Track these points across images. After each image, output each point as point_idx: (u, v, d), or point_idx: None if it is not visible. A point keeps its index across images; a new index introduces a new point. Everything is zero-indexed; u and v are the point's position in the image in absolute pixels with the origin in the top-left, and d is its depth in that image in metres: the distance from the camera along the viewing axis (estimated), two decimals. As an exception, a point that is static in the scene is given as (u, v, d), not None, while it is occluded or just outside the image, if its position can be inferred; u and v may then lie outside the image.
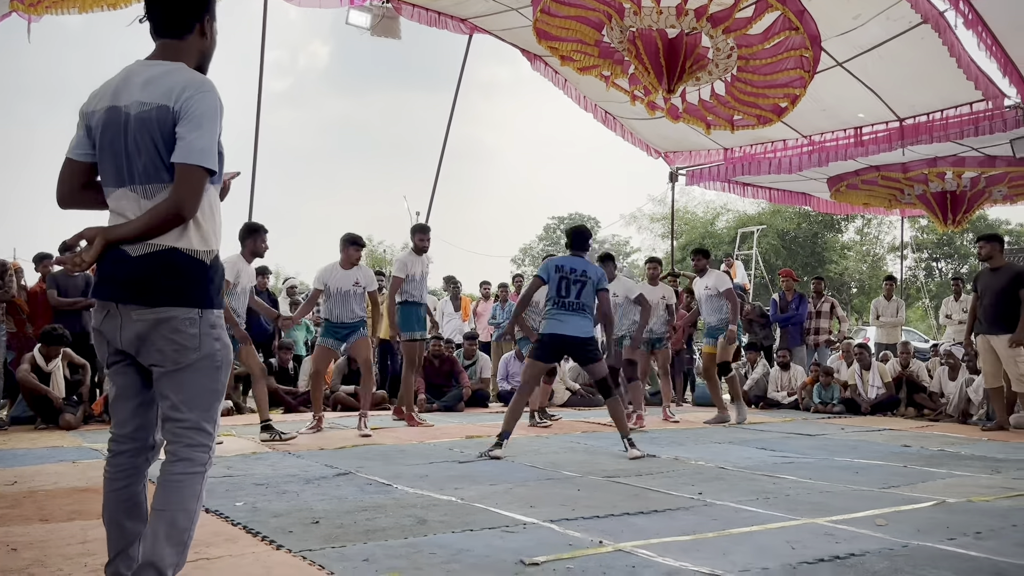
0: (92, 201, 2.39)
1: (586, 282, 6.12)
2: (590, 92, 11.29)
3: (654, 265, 9.13)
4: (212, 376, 2.29)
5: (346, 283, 7.27)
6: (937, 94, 9.53)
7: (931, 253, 37.73)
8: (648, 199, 50.01)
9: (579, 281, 6.12)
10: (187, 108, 2.20)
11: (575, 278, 6.12)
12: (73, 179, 2.36)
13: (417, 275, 7.92)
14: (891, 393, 9.89)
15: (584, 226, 6.70)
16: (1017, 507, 4.16)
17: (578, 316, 6.08)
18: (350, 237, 7.43)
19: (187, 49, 2.36)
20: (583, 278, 6.13)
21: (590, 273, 6.17)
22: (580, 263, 6.23)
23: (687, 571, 2.88)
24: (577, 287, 6.10)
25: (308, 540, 3.29)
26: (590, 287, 6.13)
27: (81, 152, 2.34)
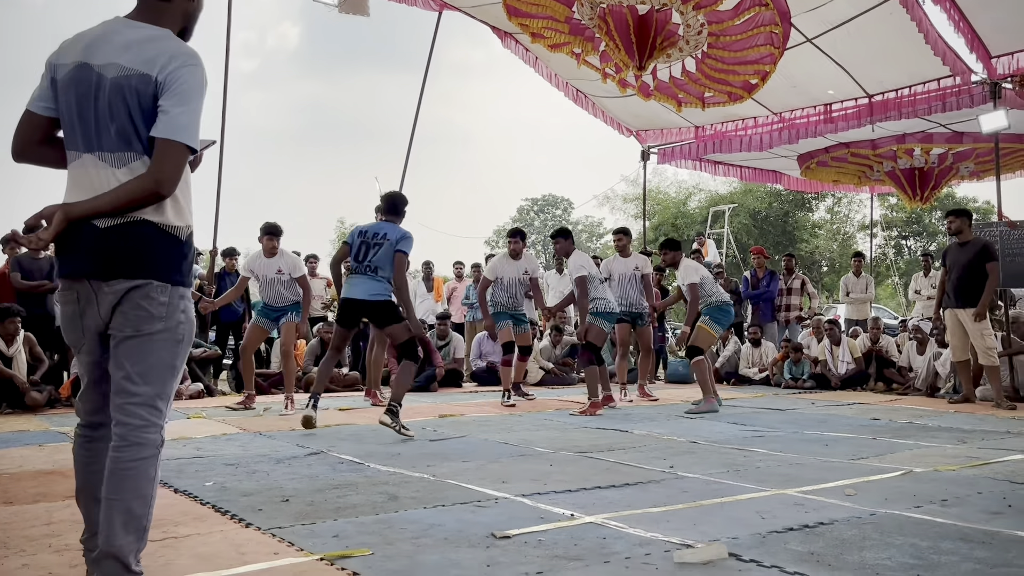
0: (49, 158, 2.28)
1: (383, 244, 5.98)
2: (561, 70, 11.22)
3: (620, 236, 8.76)
4: (172, 350, 2.20)
5: (269, 271, 7.53)
6: (905, 70, 9.57)
7: (900, 231, 38.10)
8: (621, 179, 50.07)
9: (377, 244, 5.99)
10: (173, 81, 2.11)
11: (374, 241, 6.01)
12: (31, 132, 2.25)
13: None
14: (861, 368, 10.01)
15: (399, 193, 6.46)
16: (982, 475, 4.22)
17: (368, 279, 5.96)
18: (262, 227, 7.62)
19: (171, 11, 2.26)
20: (381, 240, 5.99)
21: (390, 235, 6.01)
22: (383, 227, 6.11)
23: (658, 541, 2.89)
24: (374, 250, 5.98)
25: (278, 518, 3.26)
26: (387, 249, 5.96)
27: (43, 105, 2.23)
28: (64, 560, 2.69)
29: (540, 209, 55.67)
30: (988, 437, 5.76)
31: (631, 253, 8.71)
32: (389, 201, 6.33)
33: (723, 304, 7.75)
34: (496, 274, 8.12)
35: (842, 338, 10.27)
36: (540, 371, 10.62)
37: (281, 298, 7.56)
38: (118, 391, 2.17)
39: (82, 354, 2.28)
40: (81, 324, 2.22)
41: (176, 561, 2.68)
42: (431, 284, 12.79)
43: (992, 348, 7.86)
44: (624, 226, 9.79)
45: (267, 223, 7.62)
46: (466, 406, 7.94)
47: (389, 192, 6.36)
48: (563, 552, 2.76)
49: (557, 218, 54.57)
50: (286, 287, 7.53)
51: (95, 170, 2.16)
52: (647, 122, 12.71)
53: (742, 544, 2.85)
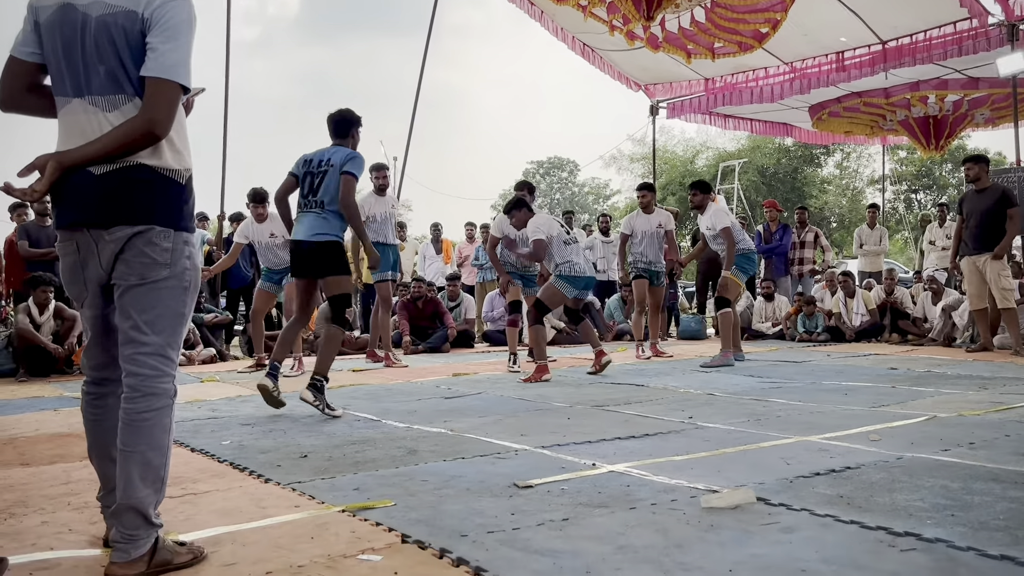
0: (38, 106, 2.19)
1: (328, 171, 4.98)
2: (568, 24, 11.03)
3: (644, 192, 8.51)
4: (180, 297, 2.13)
5: (263, 235, 7.60)
6: (920, 14, 9.37)
7: (910, 185, 37.75)
8: (627, 138, 49.66)
9: (321, 172, 5.00)
10: (160, 16, 2.02)
11: (318, 170, 5.02)
12: (16, 80, 2.15)
13: (379, 215, 7.82)
14: (875, 320, 9.94)
15: (347, 110, 5.23)
16: (1008, 419, 4.16)
17: (313, 216, 5.00)
18: (250, 194, 7.65)
19: None
20: (326, 167, 5.00)
21: (334, 160, 5.00)
22: (328, 152, 5.09)
23: (683, 488, 2.84)
24: (319, 179, 5.01)
25: (297, 473, 3.22)
26: (332, 176, 4.97)
27: (28, 51, 2.13)
28: (83, 517, 2.66)
29: (546, 172, 55.28)
30: (1010, 383, 5.69)
31: (655, 210, 8.46)
32: (334, 122, 5.19)
33: (749, 252, 7.66)
34: (503, 232, 7.91)
35: (856, 290, 10.18)
36: (552, 330, 10.56)
37: (281, 260, 7.53)
38: (127, 341, 2.10)
39: (85, 307, 2.20)
40: (83, 276, 2.14)
41: (196, 516, 2.65)
42: (440, 246, 12.73)
43: (1010, 291, 7.77)
44: (648, 182, 9.61)
45: (254, 189, 7.63)
46: (479, 365, 7.91)
47: (336, 111, 5.23)
48: (587, 500, 2.71)
49: (563, 180, 54.25)
50: (282, 249, 7.46)
51: (85, 115, 2.07)
52: (656, 75, 12.52)
53: (769, 489, 2.80)
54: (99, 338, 2.22)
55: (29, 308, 7.58)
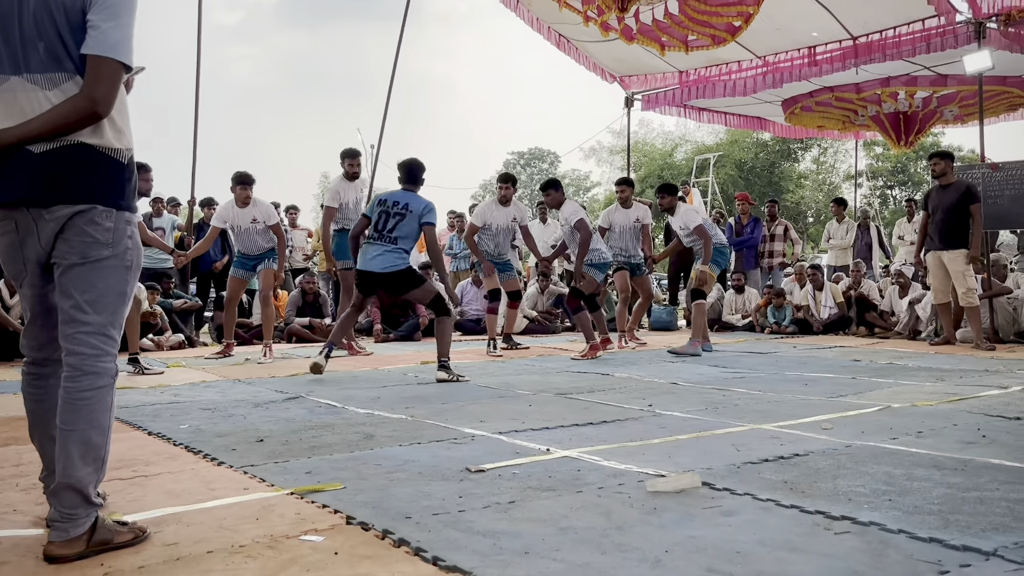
0: None
1: (405, 215, 5.97)
2: (543, 14, 11.02)
3: (623, 187, 8.66)
4: (121, 276, 2.12)
5: (244, 220, 7.47)
6: (890, 10, 9.46)
7: (886, 181, 38.12)
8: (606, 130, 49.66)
9: (398, 214, 5.97)
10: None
11: (395, 211, 5.98)
12: None
13: (351, 202, 7.81)
14: (843, 313, 10.04)
15: (415, 160, 6.28)
16: (958, 410, 4.24)
17: (385, 248, 5.93)
18: (234, 176, 7.54)
19: None
20: (403, 211, 5.98)
21: (412, 206, 5.99)
22: (404, 196, 6.08)
23: (631, 472, 2.87)
24: (395, 219, 5.96)
25: (251, 457, 3.23)
26: (410, 220, 5.97)
27: None
28: (30, 498, 2.66)
29: (527, 163, 55.30)
30: (966, 375, 5.78)
31: (632, 204, 8.62)
32: (406, 169, 6.22)
33: (721, 246, 7.87)
34: (484, 220, 7.98)
35: (825, 283, 10.28)
36: (524, 320, 10.60)
37: (256, 247, 7.54)
38: (67, 320, 2.09)
39: (24, 287, 2.19)
40: (22, 255, 2.13)
41: (145, 497, 2.65)
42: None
43: (972, 290, 7.89)
44: (627, 176, 9.76)
45: (239, 172, 7.53)
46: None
47: (406, 159, 6.25)
48: (536, 484, 2.74)
49: (544, 172, 54.26)
50: (261, 236, 7.51)
51: (24, 93, 2.05)
52: (630, 67, 12.55)
53: (716, 474, 2.84)
54: (39, 318, 2.20)
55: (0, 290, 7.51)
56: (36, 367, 2.25)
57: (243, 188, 7.45)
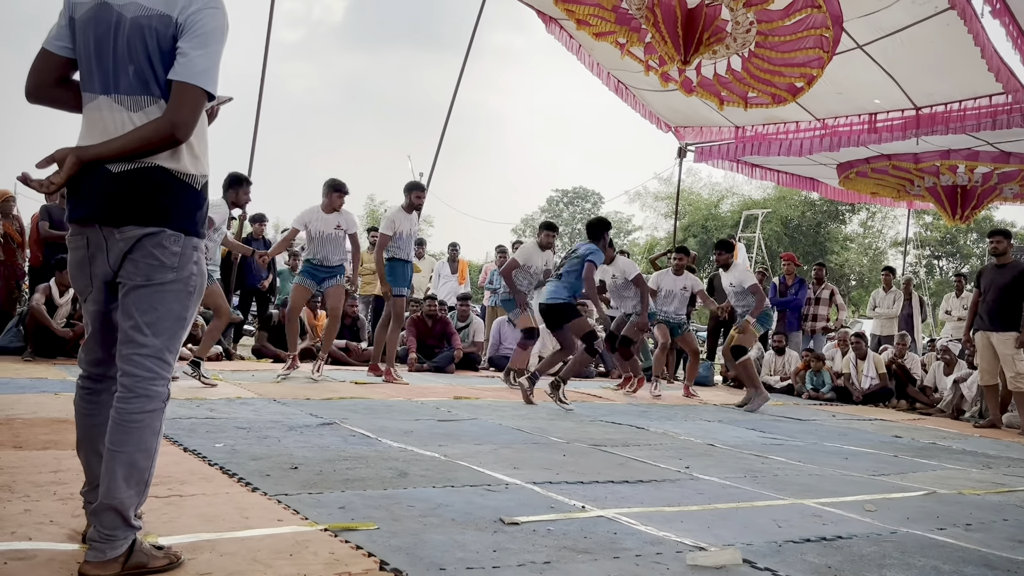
0: (64, 100, 2.20)
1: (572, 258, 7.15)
2: (604, 60, 11.06)
3: (681, 256, 9.19)
4: (183, 301, 2.13)
5: (327, 226, 7.41)
6: (956, 84, 9.34)
7: (933, 251, 37.58)
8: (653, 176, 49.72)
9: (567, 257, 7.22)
10: (193, 22, 2.04)
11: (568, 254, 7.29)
12: (46, 73, 2.17)
13: (405, 233, 7.84)
14: (884, 384, 9.84)
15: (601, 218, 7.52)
16: (1007, 502, 4.10)
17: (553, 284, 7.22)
18: (333, 183, 7.52)
19: None
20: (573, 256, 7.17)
21: (580, 250, 7.15)
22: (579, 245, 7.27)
23: (670, 541, 2.80)
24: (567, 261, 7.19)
25: (285, 485, 3.21)
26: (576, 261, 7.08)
27: (60, 45, 2.15)
28: (67, 509, 2.66)
29: (570, 201, 55.41)
30: (1014, 464, 5.61)
31: (684, 272, 9.12)
32: (590, 226, 7.44)
33: (768, 309, 8.44)
34: (526, 260, 8.13)
35: (868, 352, 10.09)
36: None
37: (331, 255, 7.45)
38: (125, 341, 2.10)
39: (89, 302, 2.20)
40: (89, 271, 2.15)
41: (179, 519, 2.64)
42: (455, 266, 12.73)
43: (1022, 374, 7.67)
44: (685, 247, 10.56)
45: (335, 179, 7.56)
46: (482, 390, 7.87)
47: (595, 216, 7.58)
48: (572, 544, 2.68)
49: (587, 211, 54.29)
50: (338, 244, 7.46)
51: (110, 113, 2.09)
52: (686, 119, 12.53)
53: (757, 551, 2.76)
54: (99, 334, 2.21)
55: (50, 288, 7.66)
56: (91, 382, 2.26)
57: (340, 195, 7.45)
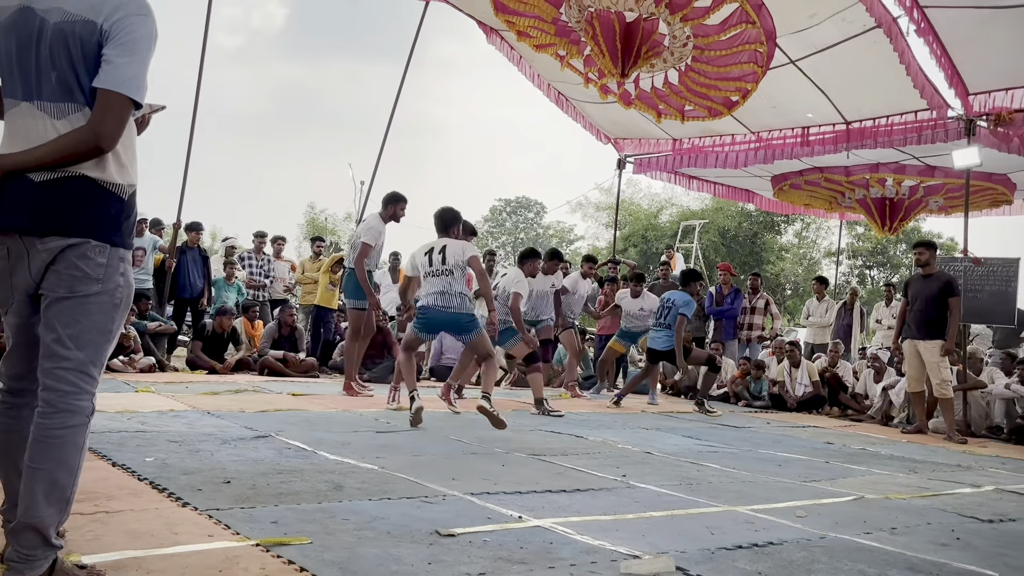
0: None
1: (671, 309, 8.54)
2: (544, 71, 11.16)
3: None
4: (108, 314, 2.07)
5: None
6: (884, 100, 9.65)
7: (865, 260, 38.58)
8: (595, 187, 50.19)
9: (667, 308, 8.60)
10: (119, 29, 1.99)
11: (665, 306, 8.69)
12: None
13: (381, 245, 7.74)
14: (818, 392, 10.06)
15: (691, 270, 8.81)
16: (931, 506, 4.22)
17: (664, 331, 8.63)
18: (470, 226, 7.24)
19: None
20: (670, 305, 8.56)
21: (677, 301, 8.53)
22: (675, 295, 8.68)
23: (605, 550, 2.82)
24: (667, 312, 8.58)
25: (217, 499, 3.15)
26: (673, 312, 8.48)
27: None
28: (-15, 528, 2.56)
29: (512, 211, 55.57)
30: (939, 469, 5.78)
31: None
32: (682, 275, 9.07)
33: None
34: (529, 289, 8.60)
35: (802, 361, 10.31)
36: (499, 370, 10.53)
37: None
38: (48, 355, 2.03)
39: (10, 314, 2.13)
40: (10, 282, 2.08)
41: (104, 537, 2.57)
42: (397, 275, 12.66)
43: (947, 382, 7.93)
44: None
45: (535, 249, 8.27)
46: (423, 401, 7.80)
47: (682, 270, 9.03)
48: (507, 555, 2.68)
49: (529, 221, 54.54)
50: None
51: (32, 120, 2.03)
52: (625, 131, 12.70)
53: (690, 558, 2.80)
54: (21, 347, 2.14)
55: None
56: (11, 396, 2.18)
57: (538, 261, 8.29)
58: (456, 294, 6.01)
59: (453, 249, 6.05)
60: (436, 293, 6.04)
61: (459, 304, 6.02)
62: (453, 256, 6.01)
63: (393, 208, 7.71)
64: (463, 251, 6.06)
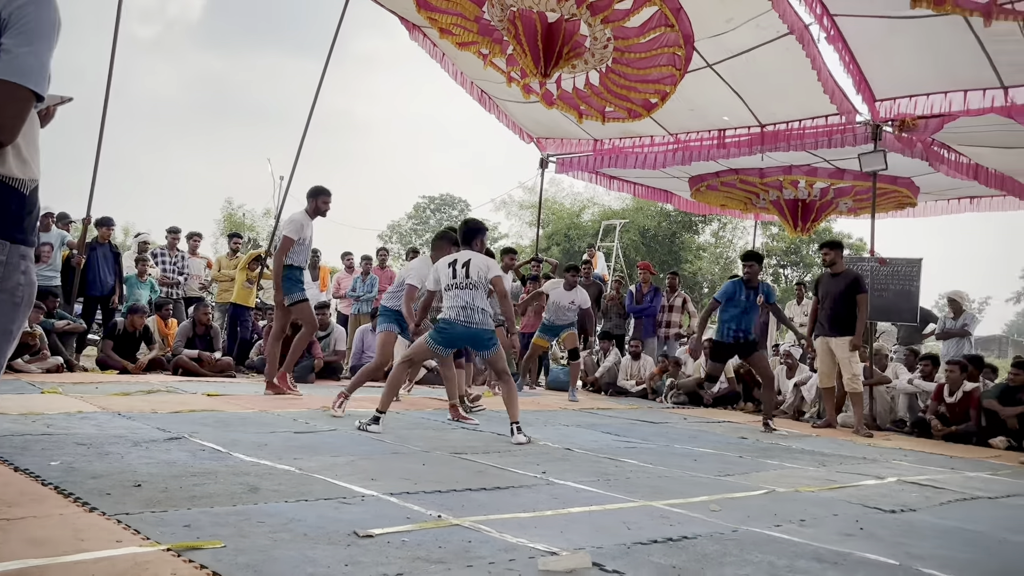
0: None
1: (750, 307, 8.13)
2: (468, 69, 11.15)
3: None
4: (8, 314, 2.00)
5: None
6: (797, 104, 9.95)
7: (779, 260, 39.70)
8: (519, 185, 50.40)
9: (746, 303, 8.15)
10: (19, 18, 1.90)
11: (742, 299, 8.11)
12: None
13: (308, 239, 7.64)
14: (733, 388, 10.32)
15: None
16: (838, 498, 4.38)
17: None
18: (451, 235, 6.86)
19: None
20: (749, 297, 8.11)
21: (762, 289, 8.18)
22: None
23: (523, 547, 2.85)
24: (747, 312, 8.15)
25: (126, 504, 3.06)
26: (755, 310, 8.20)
27: None
28: None
29: (437, 208, 55.37)
30: (846, 462, 6.00)
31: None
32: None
33: None
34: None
35: (718, 358, 10.55)
36: (423, 369, 10.47)
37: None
38: None
39: None
40: None
41: (4, 545, 2.46)
42: (317, 273, 12.49)
43: (858, 376, 8.24)
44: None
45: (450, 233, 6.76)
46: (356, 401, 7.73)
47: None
48: (426, 554, 2.68)
49: (453, 218, 54.39)
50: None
51: None
52: (548, 130, 12.78)
53: (606, 554, 2.84)
54: None
55: None
56: None
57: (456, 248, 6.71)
58: (478, 309, 5.90)
59: (477, 264, 5.93)
60: (459, 307, 5.91)
61: (481, 320, 5.90)
62: (477, 271, 5.90)
63: (315, 202, 7.60)
64: (488, 268, 5.97)
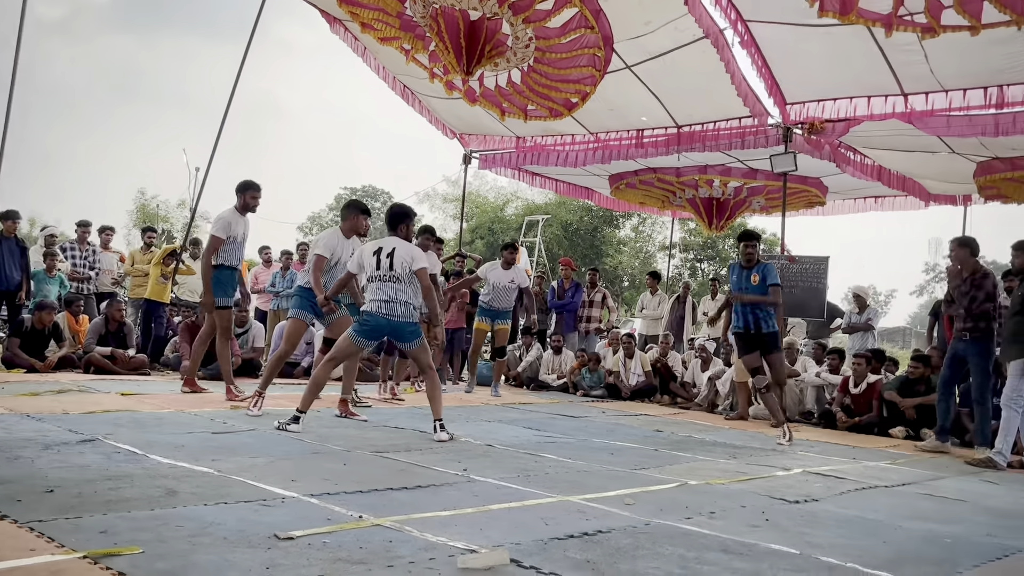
0: None
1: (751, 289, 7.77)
2: (390, 64, 11.10)
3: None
4: None
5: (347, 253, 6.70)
6: (712, 106, 10.23)
7: (696, 254, 40.60)
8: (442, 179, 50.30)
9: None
10: None
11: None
12: None
13: (239, 237, 7.32)
14: (651, 381, 10.57)
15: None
16: (747, 490, 4.58)
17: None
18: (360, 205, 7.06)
19: None
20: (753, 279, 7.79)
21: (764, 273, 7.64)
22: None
23: (443, 546, 2.91)
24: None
25: (39, 510, 3.00)
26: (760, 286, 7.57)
27: None
28: None
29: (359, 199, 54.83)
30: (756, 454, 6.24)
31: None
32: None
33: None
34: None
35: (636, 352, 10.81)
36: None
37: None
38: None
39: None
40: None
41: (-90, 557, 2.41)
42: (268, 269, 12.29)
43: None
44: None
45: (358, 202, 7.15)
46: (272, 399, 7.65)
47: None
48: (347, 555, 2.72)
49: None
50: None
51: None
52: (471, 126, 12.83)
53: (524, 550, 2.93)
54: None
55: None
56: None
57: (367, 218, 6.90)
58: (401, 302, 5.75)
59: (401, 255, 5.73)
60: (381, 300, 5.76)
61: (403, 312, 5.74)
62: (401, 263, 5.71)
63: (243, 197, 7.33)
64: (412, 259, 5.76)
